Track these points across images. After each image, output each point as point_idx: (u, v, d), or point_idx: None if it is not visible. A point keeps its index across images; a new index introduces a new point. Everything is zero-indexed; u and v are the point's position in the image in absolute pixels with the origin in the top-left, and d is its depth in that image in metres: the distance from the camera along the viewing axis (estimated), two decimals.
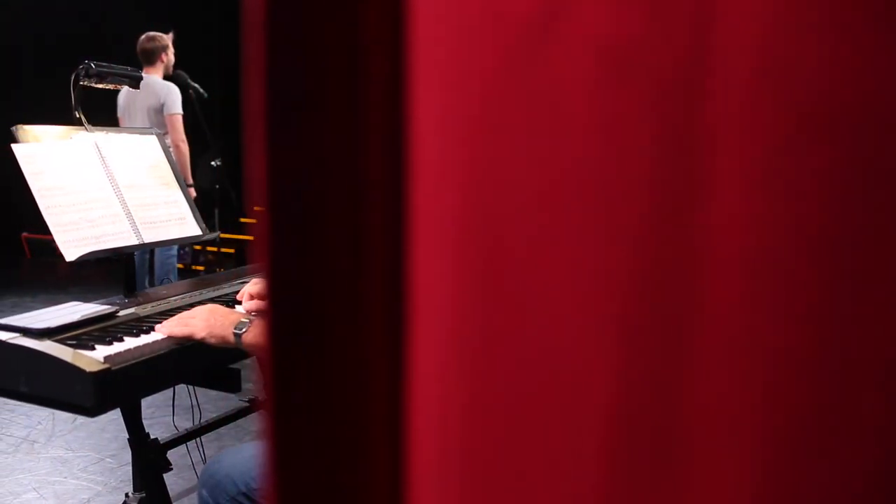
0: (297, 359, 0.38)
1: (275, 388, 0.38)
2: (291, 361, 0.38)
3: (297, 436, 0.39)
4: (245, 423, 3.18)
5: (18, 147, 1.91)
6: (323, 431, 0.39)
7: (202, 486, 1.66)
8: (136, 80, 2.24)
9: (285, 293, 0.38)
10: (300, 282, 0.38)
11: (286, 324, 0.38)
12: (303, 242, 0.38)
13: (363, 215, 0.38)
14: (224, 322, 1.63)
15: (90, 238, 1.94)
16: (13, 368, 1.60)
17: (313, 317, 0.38)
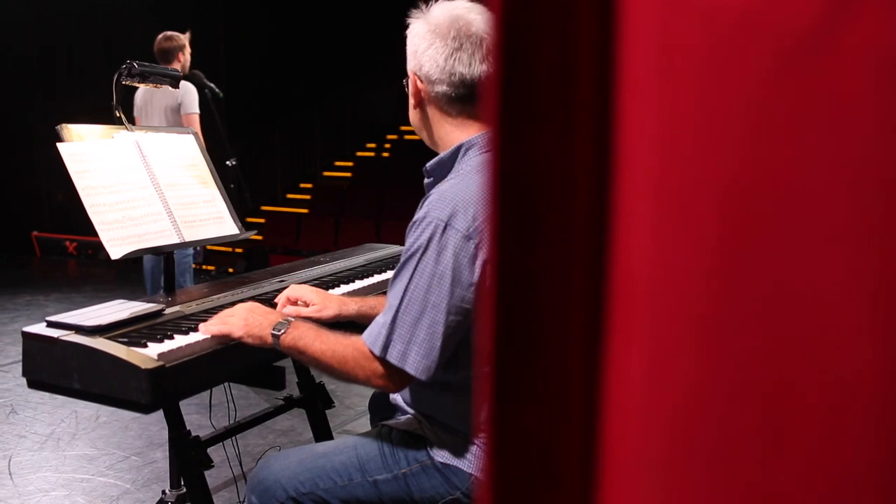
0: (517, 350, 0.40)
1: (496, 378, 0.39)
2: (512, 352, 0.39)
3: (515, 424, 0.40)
4: (272, 423, 3.20)
5: (64, 146, 1.93)
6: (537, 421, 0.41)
7: (251, 493, 1.67)
8: (177, 80, 2.25)
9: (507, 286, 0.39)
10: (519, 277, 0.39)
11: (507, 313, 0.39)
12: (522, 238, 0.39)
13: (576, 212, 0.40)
14: (263, 322, 1.64)
15: (134, 237, 1.96)
16: (66, 366, 1.61)
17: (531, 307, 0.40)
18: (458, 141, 1.58)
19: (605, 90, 0.40)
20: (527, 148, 0.39)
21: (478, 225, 1.45)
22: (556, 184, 0.40)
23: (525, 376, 0.41)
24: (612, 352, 0.42)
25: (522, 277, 0.40)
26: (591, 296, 0.41)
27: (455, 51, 1.52)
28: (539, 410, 0.42)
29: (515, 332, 0.40)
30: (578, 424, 0.43)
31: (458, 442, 1.59)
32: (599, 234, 0.41)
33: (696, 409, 0.36)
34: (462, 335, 1.50)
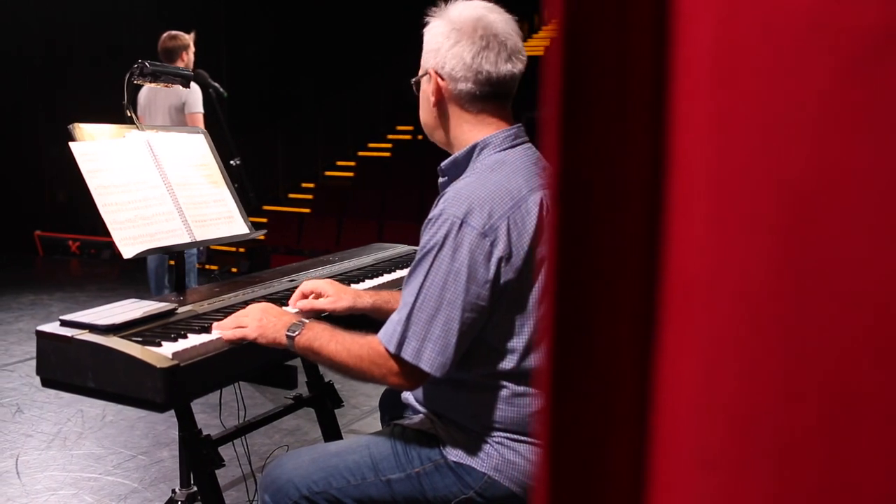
0: (572, 346, 0.40)
1: (552, 375, 0.40)
2: (569, 347, 0.40)
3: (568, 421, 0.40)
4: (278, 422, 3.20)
5: (76, 145, 1.93)
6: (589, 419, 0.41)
7: (263, 491, 1.67)
8: (188, 79, 2.26)
9: (564, 284, 0.39)
10: (576, 275, 0.40)
11: (564, 310, 0.39)
12: (579, 236, 0.40)
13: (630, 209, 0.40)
14: (277, 324, 1.64)
15: (145, 236, 1.96)
16: (81, 364, 1.62)
17: (586, 304, 0.40)
18: (474, 140, 1.58)
19: (660, 89, 0.41)
20: (584, 147, 0.39)
21: (493, 222, 1.46)
22: (611, 183, 0.41)
23: (578, 373, 0.42)
24: (666, 349, 0.42)
25: (578, 275, 0.40)
26: (644, 294, 0.42)
27: (482, 49, 1.52)
28: (591, 408, 0.43)
29: (571, 329, 0.41)
30: (630, 421, 0.43)
31: (472, 441, 1.59)
32: (654, 233, 0.41)
33: (757, 408, 0.36)
34: (476, 333, 1.51)
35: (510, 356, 1.53)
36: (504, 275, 1.47)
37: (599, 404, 0.42)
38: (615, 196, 0.41)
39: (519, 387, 1.55)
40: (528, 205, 1.50)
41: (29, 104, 9.33)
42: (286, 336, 1.61)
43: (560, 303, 0.40)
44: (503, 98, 1.60)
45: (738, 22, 0.38)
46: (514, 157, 1.57)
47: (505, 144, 1.58)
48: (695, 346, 0.40)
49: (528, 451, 1.58)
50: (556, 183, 0.39)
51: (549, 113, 0.38)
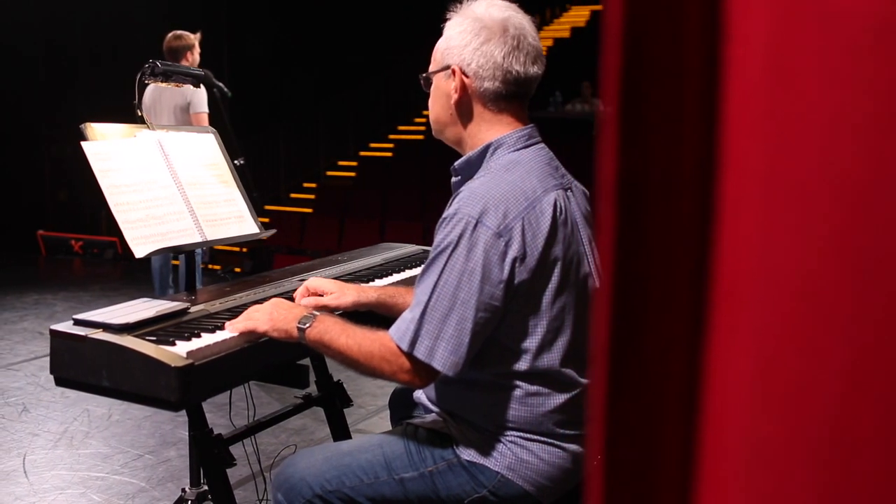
0: (624, 345, 0.40)
1: (605, 372, 0.40)
2: (619, 347, 0.40)
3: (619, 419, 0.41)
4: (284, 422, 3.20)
5: (88, 145, 1.93)
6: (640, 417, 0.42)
7: (276, 490, 1.68)
8: (199, 79, 2.26)
9: (619, 284, 0.40)
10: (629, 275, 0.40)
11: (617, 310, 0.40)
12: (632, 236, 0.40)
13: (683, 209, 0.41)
14: (287, 316, 1.65)
15: (157, 235, 1.96)
16: (96, 364, 1.62)
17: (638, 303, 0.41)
18: (489, 139, 1.59)
19: (714, 88, 0.41)
20: (640, 147, 0.40)
21: (508, 223, 1.46)
22: (665, 181, 0.41)
23: (631, 370, 0.42)
24: (718, 346, 0.43)
25: (632, 275, 0.41)
26: (696, 291, 0.42)
27: (514, 49, 1.53)
28: (642, 403, 0.43)
29: (623, 328, 0.41)
30: (680, 417, 0.43)
31: (485, 440, 1.59)
32: (706, 230, 0.42)
33: (813, 406, 0.36)
34: (490, 333, 1.51)
35: (523, 356, 1.54)
36: (518, 275, 1.47)
37: (650, 400, 0.43)
38: (668, 194, 0.41)
39: (532, 386, 1.56)
40: (542, 205, 1.51)
41: (31, 104, 9.34)
42: (297, 328, 1.61)
43: (615, 300, 0.40)
44: (524, 98, 1.61)
45: (795, 20, 0.38)
46: (528, 157, 1.58)
47: (519, 144, 1.58)
48: (747, 342, 0.40)
49: (541, 450, 1.58)
50: (613, 182, 0.39)
51: (607, 113, 0.39)
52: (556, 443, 1.59)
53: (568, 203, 1.58)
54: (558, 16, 14.27)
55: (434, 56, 1.66)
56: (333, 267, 2.37)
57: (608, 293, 0.40)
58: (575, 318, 1.56)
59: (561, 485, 1.63)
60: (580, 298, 1.58)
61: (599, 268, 1.31)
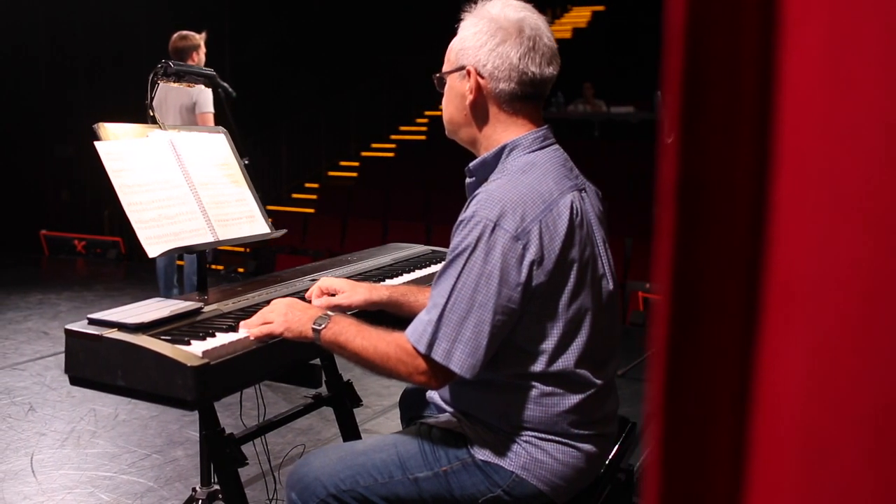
0: (680, 343, 0.41)
1: (662, 370, 0.41)
2: (675, 345, 0.41)
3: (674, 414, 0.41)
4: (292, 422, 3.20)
5: (101, 144, 1.94)
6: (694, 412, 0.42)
7: (290, 489, 1.68)
8: (211, 79, 2.27)
9: (676, 283, 0.40)
10: (686, 274, 0.41)
11: (675, 309, 0.40)
12: (690, 236, 0.41)
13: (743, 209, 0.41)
14: (302, 317, 1.66)
15: (170, 235, 1.97)
16: (111, 363, 1.63)
17: (694, 301, 0.41)
18: (504, 140, 1.59)
19: (771, 91, 0.41)
20: (698, 150, 0.40)
21: (525, 226, 1.46)
22: (722, 183, 0.41)
23: (686, 367, 0.43)
24: (770, 345, 0.43)
25: (689, 274, 0.41)
26: (750, 291, 0.43)
27: (529, 50, 1.54)
28: (695, 402, 0.44)
29: (680, 326, 0.42)
30: (733, 413, 0.44)
31: (499, 440, 1.60)
32: (760, 232, 0.42)
33: (870, 406, 0.37)
34: (506, 335, 1.51)
35: (539, 357, 1.54)
36: (535, 278, 1.48)
37: (705, 395, 0.43)
38: (725, 194, 0.42)
39: (547, 387, 1.56)
40: (559, 208, 1.51)
41: (34, 104, 9.34)
42: (312, 329, 1.62)
43: (673, 298, 0.41)
44: (539, 99, 1.61)
45: (853, 23, 0.39)
46: (544, 159, 1.58)
47: (534, 146, 1.59)
48: (802, 339, 0.41)
49: (556, 450, 1.58)
50: (673, 183, 0.40)
51: (668, 116, 0.39)
52: (570, 443, 1.59)
53: (583, 204, 1.58)
54: (559, 16, 14.26)
55: (448, 56, 1.66)
56: (343, 267, 2.37)
57: (667, 292, 0.41)
58: (590, 320, 1.57)
59: (575, 484, 1.63)
60: (595, 300, 1.58)
61: (613, 268, 1.32)
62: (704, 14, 0.40)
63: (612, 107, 10.55)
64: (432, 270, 2.39)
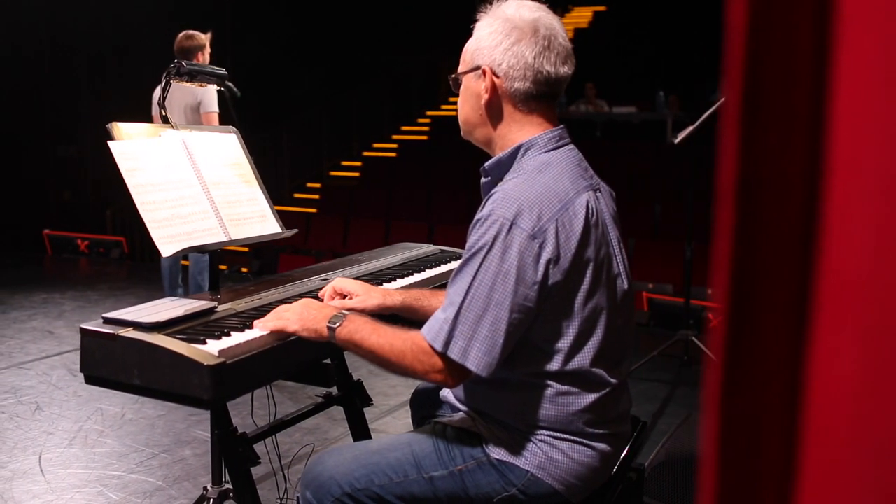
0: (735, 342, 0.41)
1: (722, 366, 0.41)
2: (731, 344, 0.41)
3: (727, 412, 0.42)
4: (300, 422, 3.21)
5: (115, 144, 1.94)
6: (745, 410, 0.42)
7: (305, 488, 1.68)
8: (223, 78, 2.27)
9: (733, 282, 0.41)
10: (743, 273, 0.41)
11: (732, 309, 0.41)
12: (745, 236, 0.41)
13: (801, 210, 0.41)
14: (317, 316, 1.66)
15: (183, 234, 1.97)
16: (127, 362, 1.63)
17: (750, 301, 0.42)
18: (519, 140, 1.60)
19: (826, 91, 0.42)
20: (755, 150, 0.41)
21: (542, 225, 1.47)
22: (776, 184, 0.42)
23: (741, 366, 0.43)
24: (823, 345, 0.43)
25: (746, 273, 0.42)
26: (802, 292, 0.43)
27: (544, 49, 1.54)
28: (750, 399, 0.44)
29: (737, 326, 0.42)
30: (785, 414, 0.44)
31: (514, 439, 1.60)
32: (812, 233, 0.43)
33: None
34: (522, 333, 1.52)
35: (555, 356, 1.55)
36: (552, 276, 1.48)
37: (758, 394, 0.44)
38: (781, 196, 0.42)
39: (562, 386, 1.57)
40: (575, 207, 1.51)
41: (36, 103, 9.34)
42: (327, 328, 1.62)
43: (731, 300, 0.41)
44: (554, 99, 1.62)
45: None
46: (560, 159, 1.58)
47: (550, 146, 1.59)
48: (854, 339, 0.41)
49: (571, 449, 1.59)
50: (731, 184, 0.40)
51: (727, 118, 0.40)
52: (585, 442, 1.60)
53: (598, 204, 1.59)
54: (561, 17, 14.20)
55: (463, 57, 1.66)
56: (353, 266, 2.38)
57: (725, 291, 0.41)
58: (605, 319, 1.57)
59: (589, 483, 1.64)
60: (610, 299, 1.58)
61: (628, 268, 1.32)
62: (764, 15, 0.40)
63: (613, 107, 10.56)
64: (443, 270, 2.39)
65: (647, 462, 3.05)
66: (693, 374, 4.46)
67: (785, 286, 0.43)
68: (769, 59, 0.41)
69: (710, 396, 0.43)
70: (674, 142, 4.25)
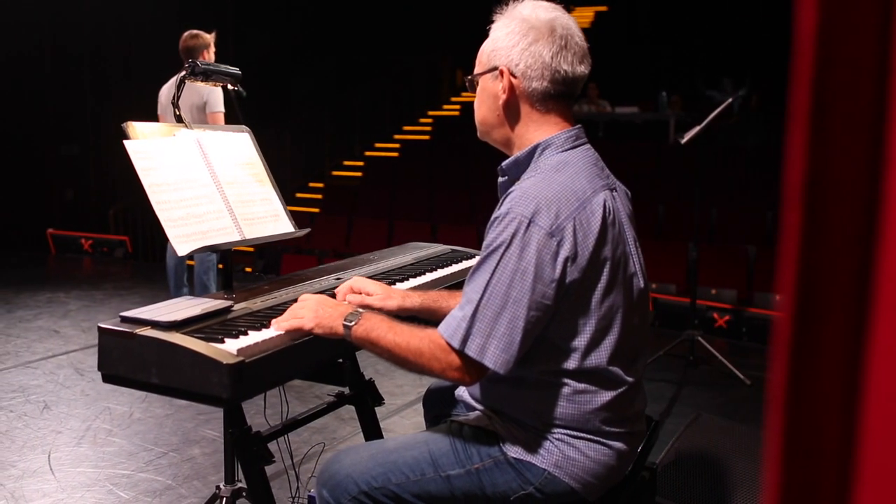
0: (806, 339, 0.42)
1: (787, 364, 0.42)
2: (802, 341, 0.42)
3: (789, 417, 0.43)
4: None
5: (130, 143, 1.94)
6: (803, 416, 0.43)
7: (321, 486, 1.69)
8: (238, 78, 2.28)
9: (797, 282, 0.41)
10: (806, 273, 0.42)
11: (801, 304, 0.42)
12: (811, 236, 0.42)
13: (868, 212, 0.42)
14: (333, 313, 1.67)
15: (198, 234, 1.98)
16: (145, 360, 1.63)
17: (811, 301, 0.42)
18: (536, 140, 1.60)
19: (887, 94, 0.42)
20: (822, 152, 0.41)
21: (560, 223, 1.48)
22: (841, 185, 0.43)
23: (805, 366, 0.44)
24: (882, 346, 0.44)
25: (811, 273, 0.42)
26: (864, 291, 0.44)
27: (562, 49, 1.55)
28: (813, 399, 0.45)
29: (801, 326, 0.43)
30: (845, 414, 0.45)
31: (531, 437, 1.61)
32: (876, 233, 0.43)
33: None
34: (539, 331, 1.52)
35: (572, 355, 1.55)
36: (569, 274, 1.49)
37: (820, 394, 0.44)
38: (845, 197, 0.43)
39: (579, 384, 1.57)
40: (592, 206, 1.52)
41: (39, 103, 9.34)
42: (343, 325, 1.63)
43: (797, 300, 0.42)
44: (571, 98, 1.63)
45: None
46: (577, 158, 1.59)
47: (567, 145, 1.60)
48: None
49: (588, 448, 1.60)
50: (798, 185, 0.41)
51: (796, 120, 0.40)
52: (602, 440, 1.60)
53: (614, 203, 1.60)
54: None
55: (479, 58, 1.67)
56: (365, 266, 2.38)
57: (791, 292, 0.42)
58: (621, 317, 1.58)
59: (606, 482, 1.65)
60: (626, 297, 1.59)
61: (644, 267, 1.33)
62: (832, 19, 0.41)
63: (616, 107, 10.57)
64: (455, 270, 2.40)
65: (658, 461, 3.05)
66: (699, 374, 4.47)
67: (846, 286, 0.44)
68: (837, 63, 0.42)
69: (774, 394, 0.43)
70: (680, 142, 4.26)
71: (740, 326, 5.30)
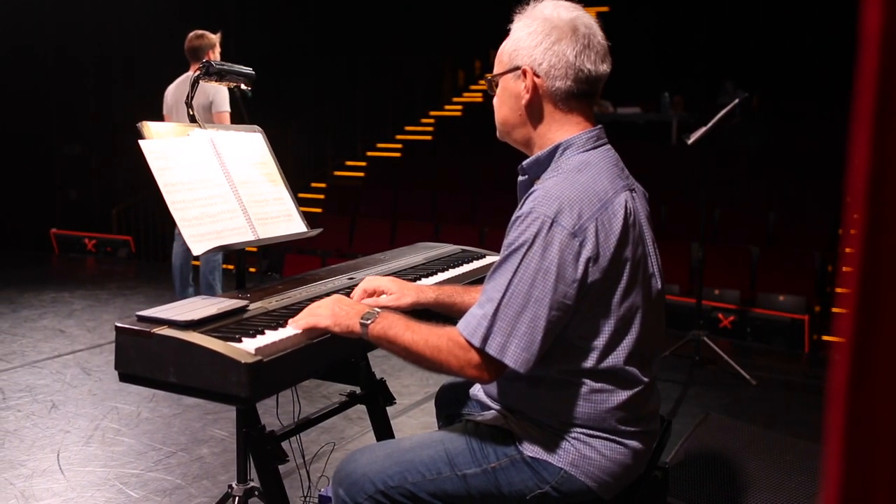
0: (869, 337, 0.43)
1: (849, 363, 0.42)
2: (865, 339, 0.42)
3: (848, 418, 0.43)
4: None
5: (145, 143, 1.95)
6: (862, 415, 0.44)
7: (338, 486, 1.69)
8: (251, 78, 2.28)
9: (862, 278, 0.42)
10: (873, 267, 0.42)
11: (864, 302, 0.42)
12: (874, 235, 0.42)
13: None
14: (350, 312, 1.67)
15: (213, 233, 1.98)
16: (163, 360, 1.64)
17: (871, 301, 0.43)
18: (558, 140, 1.61)
19: None
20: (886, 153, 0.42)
21: (583, 223, 1.48)
22: None
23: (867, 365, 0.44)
24: None
25: (875, 271, 0.43)
26: None
27: (585, 48, 1.56)
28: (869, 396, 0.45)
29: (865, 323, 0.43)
30: None
31: (547, 436, 1.61)
32: None
33: None
34: (560, 331, 1.53)
35: (591, 354, 1.56)
36: (591, 275, 1.49)
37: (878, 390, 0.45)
38: None
39: (597, 383, 1.58)
40: (614, 207, 1.53)
41: (41, 103, 9.34)
42: (360, 324, 1.63)
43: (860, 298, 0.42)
44: (593, 97, 1.63)
45: None
46: (598, 159, 1.60)
47: (588, 145, 1.61)
48: None
49: (604, 447, 1.60)
50: (863, 182, 0.41)
51: (860, 122, 0.41)
52: (618, 439, 1.61)
53: (634, 204, 1.60)
54: None
55: (500, 58, 1.67)
56: (376, 266, 2.39)
57: (856, 289, 0.42)
58: (640, 317, 1.58)
59: (621, 481, 1.65)
60: (645, 298, 1.60)
61: (661, 268, 1.33)
62: None
63: (618, 108, 10.56)
64: (465, 269, 2.40)
65: (668, 461, 3.06)
66: (705, 375, 4.48)
67: None
68: None
69: (835, 393, 0.44)
70: (687, 142, 4.26)
71: (745, 327, 5.31)
